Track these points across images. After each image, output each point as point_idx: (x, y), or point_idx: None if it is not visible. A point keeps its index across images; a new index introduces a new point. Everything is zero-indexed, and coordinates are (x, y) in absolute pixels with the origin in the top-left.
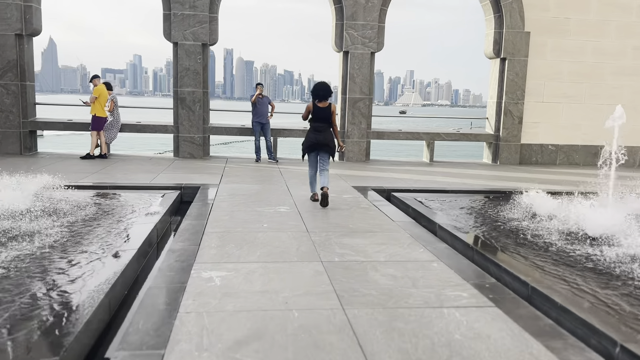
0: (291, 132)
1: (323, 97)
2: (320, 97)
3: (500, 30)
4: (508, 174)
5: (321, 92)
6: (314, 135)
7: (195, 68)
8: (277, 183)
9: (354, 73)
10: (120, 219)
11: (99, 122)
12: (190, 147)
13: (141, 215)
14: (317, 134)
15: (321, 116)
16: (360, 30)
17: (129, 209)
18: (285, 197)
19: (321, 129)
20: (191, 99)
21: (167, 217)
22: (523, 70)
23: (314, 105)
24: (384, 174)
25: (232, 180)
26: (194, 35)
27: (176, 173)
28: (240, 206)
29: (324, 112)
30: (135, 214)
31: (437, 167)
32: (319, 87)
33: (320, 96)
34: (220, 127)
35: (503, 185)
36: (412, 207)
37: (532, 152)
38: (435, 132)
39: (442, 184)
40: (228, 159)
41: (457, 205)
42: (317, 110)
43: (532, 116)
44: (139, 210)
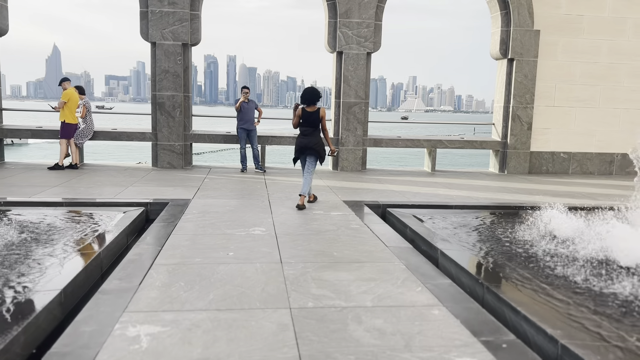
0: (281, 139)
1: (310, 101)
2: (307, 101)
3: (507, 29)
4: (517, 185)
5: (308, 96)
6: (300, 139)
7: (175, 70)
8: (259, 198)
9: (349, 75)
10: (54, 247)
11: (68, 130)
12: (170, 157)
13: (85, 241)
14: (303, 137)
15: (309, 120)
16: (355, 28)
17: (72, 233)
18: (264, 216)
19: (308, 132)
20: (171, 103)
21: (123, 241)
22: (532, 72)
23: (303, 110)
24: (381, 185)
25: (209, 194)
26: (173, 35)
27: (148, 186)
28: (207, 227)
29: (311, 117)
30: (77, 240)
31: (439, 177)
32: (306, 92)
33: (307, 100)
34: (202, 134)
35: (513, 199)
36: (409, 227)
37: (543, 161)
38: (437, 139)
39: (445, 197)
40: (211, 169)
41: (463, 224)
42: (305, 115)
43: (542, 121)
44: (85, 234)
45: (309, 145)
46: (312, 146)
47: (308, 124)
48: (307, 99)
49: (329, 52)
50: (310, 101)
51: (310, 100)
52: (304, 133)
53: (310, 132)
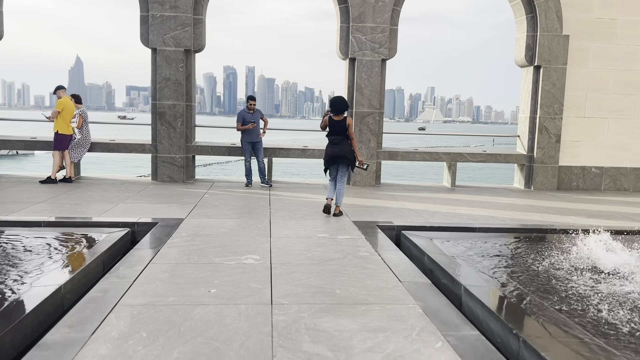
0: (288, 151)
1: (339, 110)
2: (336, 110)
3: (533, 34)
4: (546, 204)
5: (336, 106)
6: (330, 148)
7: (176, 78)
8: (259, 217)
9: (362, 83)
10: (3, 281)
11: (62, 141)
12: (170, 170)
13: (45, 271)
14: (333, 146)
15: (336, 129)
16: (369, 33)
17: (34, 261)
18: (261, 240)
19: (337, 141)
20: (172, 113)
21: (97, 270)
22: (561, 80)
23: (330, 119)
24: (396, 203)
25: (205, 212)
26: (175, 40)
27: (141, 203)
28: (193, 255)
29: (338, 125)
30: (36, 270)
31: (460, 193)
32: (334, 101)
33: (336, 110)
34: (205, 146)
35: (543, 220)
36: (427, 255)
37: (572, 176)
38: (457, 152)
39: (467, 217)
40: (214, 183)
41: (488, 251)
42: (332, 124)
43: (572, 134)
44: (50, 263)
45: (339, 153)
46: (343, 154)
47: (336, 133)
48: (335, 108)
49: (341, 59)
50: (340, 111)
51: (339, 110)
52: (333, 142)
53: (340, 141)
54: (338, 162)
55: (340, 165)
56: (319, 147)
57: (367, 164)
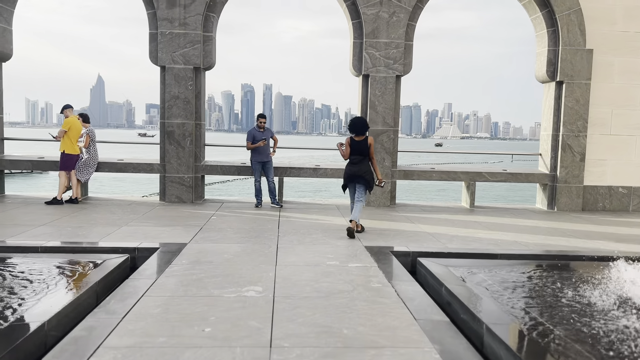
0: (300, 170)
1: (359, 131)
2: (356, 131)
3: (555, 48)
4: (572, 226)
5: (357, 126)
6: (350, 167)
7: (185, 96)
8: (266, 241)
9: (376, 100)
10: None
11: (68, 161)
12: (179, 190)
13: (29, 306)
14: (352, 166)
15: (357, 149)
16: (383, 49)
17: (18, 293)
18: (266, 268)
19: (357, 161)
20: (180, 132)
21: (88, 302)
22: (585, 96)
23: (352, 139)
24: (411, 225)
25: (210, 236)
26: (184, 58)
27: (145, 225)
28: (192, 286)
29: (360, 146)
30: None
31: (480, 214)
32: (355, 122)
33: (356, 130)
34: (215, 165)
35: (571, 245)
36: (445, 287)
37: (598, 196)
38: (476, 172)
39: (488, 242)
40: (223, 204)
41: (512, 282)
42: (353, 144)
43: (597, 152)
44: (34, 295)
45: (357, 173)
46: (361, 174)
47: (357, 153)
48: (356, 129)
49: (354, 76)
50: (360, 131)
51: (360, 130)
52: (353, 161)
53: (359, 161)
54: (355, 181)
55: (358, 185)
56: (332, 166)
57: (385, 182)
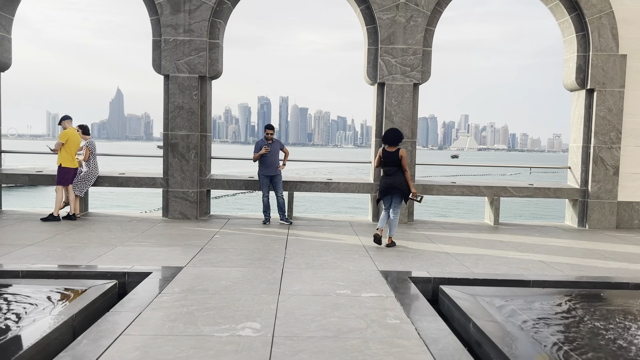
0: (311, 185)
1: (392, 141)
2: (389, 141)
3: (585, 54)
4: (608, 247)
5: (389, 136)
6: (384, 179)
7: (190, 106)
8: (271, 265)
9: (392, 110)
10: None
11: (65, 175)
12: (183, 205)
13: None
14: (387, 178)
15: (390, 160)
16: (400, 56)
17: None
18: (267, 299)
19: (391, 172)
20: (185, 144)
21: (62, 339)
22: (618, 105)
23: (384, 150)
24: (432, 245)
25: (210, 258)
26: (189, 66)
27: (142, 245)
28: (179, 322)
29: (392, 157)
30: None
31: (505, 233)
32: (387, 132)
33: (389, 141)
34: (221, 179)
35: (610, 269)
36: (473, 323)
37: (634, 213)
38: (500, 186)
39: (517, 265)
40: (229, 220)
41: (550, 315)
42: (386, 155)
43: (632, 165)
44: (3, 333)
45: (394, 185)
46: (397, 186)
47: (390, 164)
48: (389, 139)
49: (369, 85)
50: (392, 141)
51: (392, 140)
52: (388, 173)
53: (394, 172)
54: (392, 193)
55: (394, 197)
56: (344, 179)
57: (420, 196)
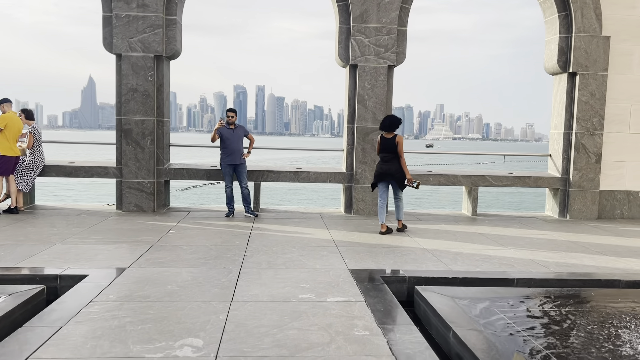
0: (279, 174)
1: (388, 127)
2: (386, 128)
3: (567, 35)
4: (592, 239)
5: (387, 122)
6: (380, 165)
7: (145, 88)
8: (228, 264)
9: (365, 94)
10: None
11: (5, 164)
12: (138, 197)
13: None
14: (383, 164)
15: (386, 146)
16: (373, 36)
17: None
18: (216, 307)
19: (387, 159)
20: (139, 130)
21: None
22: (601, 90)
23: (381, 137)
24: (407, 240)
25: (159, 257)
26: (143, 45)
27: (84, 243)
28: (105, 339)
29: (388, 143)
30: None
31: (484, 224)
32: (385, 119)
33: (386, 127)
34: (180, 169)
35: (599, 265)
36: (453, 332)
37: (616, 202)
38: (479, 175)
39: (499, 261)
40: (190, 212)
41: (539, 320)
42: (383, 141)
43: (615, 152)
44: None
45: (388, 171)
46: (391, 172)
47: (386, 150)
48: (386, 125)
49: (340, 67)
50: (389, 127)
51: (388, 127)
52: (384, 159)
53: (390, 159)
54: (386, 179)
55: (391, 183)
56: (315, 169)
57: (417, 182)
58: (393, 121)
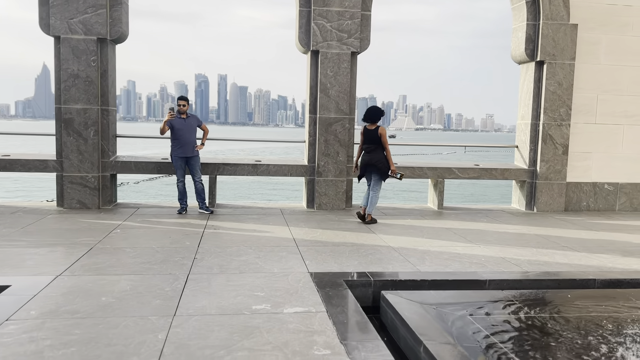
0: (237, 167)
1: (370, 119)
2: (369, 119)
3: (535, 23)
4: (562, 233)
5: (370, 114)
6: (364, 156)
7: (87, 74)
8: (174, 269)
9: (327, 82)
10: None
11: None
12: (81, 193)
13: None
14: (365, 155)
15: (369, 138)
16: (336, 20)
17: None
18: (156, 324)
19: (370, 150)
20: (81, 120)
21: None
22: (568, 79)
23: (364, 128)
24: (371, 237)
25: (97, 263)
26: (84, 26)
27: (13, 246)
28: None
29: (371, 134)
30: None
31: (451, 219)
32: (368, 110)
33: (369, 118)
34: (128, 162)
35: (572, 263)
36: (425, 347)
37: (582, 194)
38: (444, 167)
39: (469, 260)
40: (138, 209)
41: (516, 329)
42: (366, 133)
43: (582, 143)
44: None
45: (370, 162)
46: (373, 163)
47: (369, 141)
48: (368, 117)
49: (301, 53)
50: (372, 119)
51: (370, 118)
52: (367, 150)
53: (373, 149)
54: (369, 170)
55: (373, 174)
56: (275, 161)
57: (400, 174)
58: (376, 112)
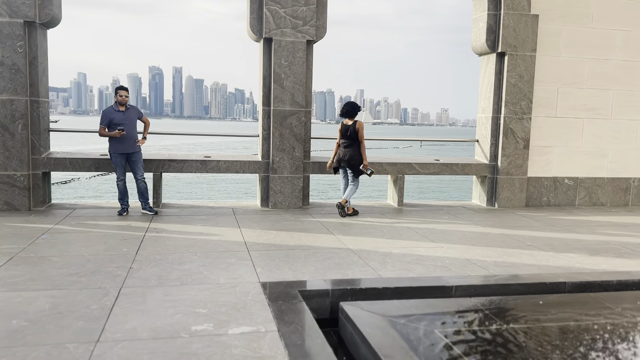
0: (184, 164)
1: (348, 114)
2: (347, 114)
3: (496, 13)
4: (526, 233)
5: (347, 108)
6: (339, 150)
7: (13, 61)
8: (105, 284)
9: (281, 72)
10: None
11: None
12: (9, 193)
13: None
14: (341, 150)
15: (346, 133)
16: (290, 6)
17: None
18: (74, 354)
19: (345, 145)
20: (7, 113)
21: None
22: (529, 71)
23: (342, 124)
24: (329, 238)
25: (15, 275)
26: (9, 8)
27: None
28: None
29: (349, 129)
30: None
31: (412, 216)
32: (345, 105)
33: (346, 114)
34: (61, 158)
35: (539, 264)
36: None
37: (543, 189)
38: (404, 163)
39: (433, 262)
40: (74, 210)
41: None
42: (343, 128)
43: (542, 137)
44: None
45: (344, 157)
46: (347, 158)
47: (345, 137)
48: (345, 112)
49: (254, 41)
50: (350, 114)
51: (347, 113)
52: (343, 145)
53: (348, 145)
54: (342, 165)
55: (349, 169)
56: (225, 157)
57: (371, 170)
58: (353, 107)
